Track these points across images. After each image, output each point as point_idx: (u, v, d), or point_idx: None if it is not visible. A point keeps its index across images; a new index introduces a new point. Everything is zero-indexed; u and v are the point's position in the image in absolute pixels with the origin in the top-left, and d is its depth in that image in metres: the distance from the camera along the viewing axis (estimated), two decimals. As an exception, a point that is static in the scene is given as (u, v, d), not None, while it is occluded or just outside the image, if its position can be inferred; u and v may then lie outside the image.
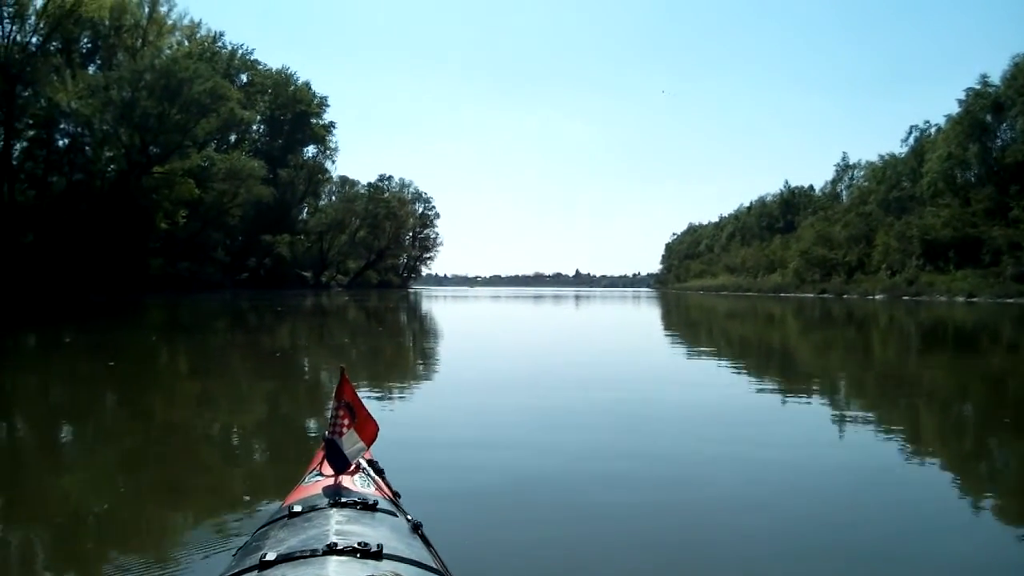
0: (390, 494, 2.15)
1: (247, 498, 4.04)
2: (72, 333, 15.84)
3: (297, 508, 1.87)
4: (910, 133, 54.68)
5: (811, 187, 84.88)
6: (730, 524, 3.60)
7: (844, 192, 69.99)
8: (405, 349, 14.29)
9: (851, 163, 70.02)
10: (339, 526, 1.71)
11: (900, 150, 56.36)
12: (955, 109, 46.80)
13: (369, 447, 2.24)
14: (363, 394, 6.55)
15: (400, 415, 6.48)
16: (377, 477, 2.24)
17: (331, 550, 1.54)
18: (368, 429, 2.20)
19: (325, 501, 1.90)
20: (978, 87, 46.14)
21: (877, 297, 45.16)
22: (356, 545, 1.55)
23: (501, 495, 4.06)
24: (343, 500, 1.91)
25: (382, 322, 22.99)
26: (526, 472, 4.52)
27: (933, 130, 52.07)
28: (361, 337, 16.77)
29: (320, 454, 2.28)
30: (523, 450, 5.14)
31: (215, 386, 8.64)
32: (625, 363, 11.71)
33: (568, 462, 4.79)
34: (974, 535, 3.54)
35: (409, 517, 1.94)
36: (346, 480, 2.12)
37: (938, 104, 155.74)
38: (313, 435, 5.45)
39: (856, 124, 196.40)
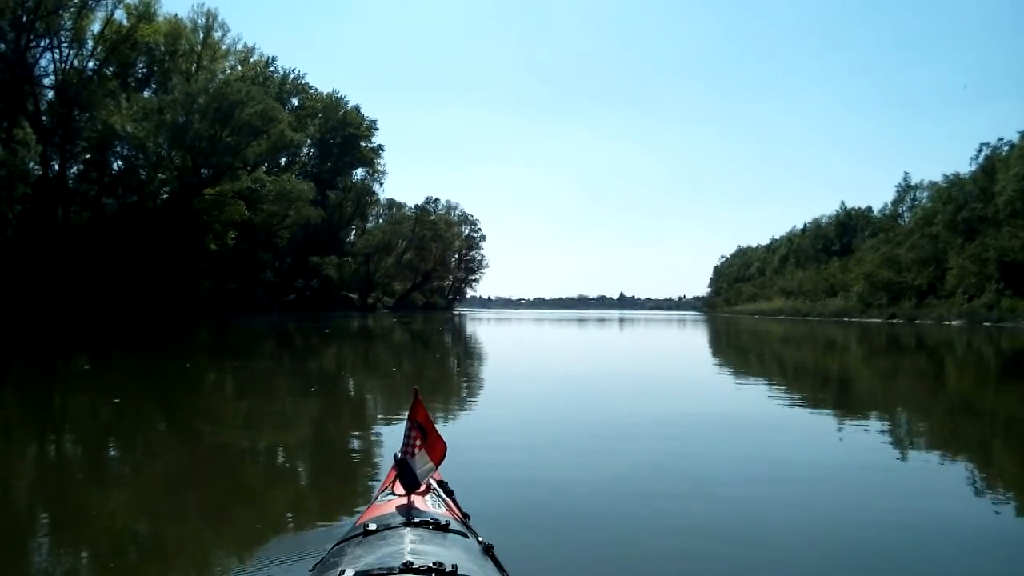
0: (460, 515, 2.17)
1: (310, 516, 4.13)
2: (103, 359, 15.15)
3: (372, 526, 1.89)
4: (980, 151, 52.32)
5: (869, 208, 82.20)
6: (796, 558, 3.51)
7: (906, 213, 67.28)
8: (459, 372, 13.92)
9: (913, 183, 67.41)
10: (413, 545, 1.73)
11: (967, 169, 53.94)
12: (1020, 127, 44.49)
13: (438, 467, 2.24)
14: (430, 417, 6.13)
15: (462, 437, 6.30)
16: (447, 498, 2.25)
17: (407, 568, 1.56)
18: (437, 449, 2.21)
19: (399, 520, 1.92)
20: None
21: (954, 323, 42.67)
22: (431, 565, 1.57)
23: (565, 516, 4.02)
24: (416, 520, 1.92)
25: (433, 345, 22.28)
26: (588, 493, 4.50)
27: (1005, 148, 49.65)
28: (415, 360, 16.46)
29: (392, 473, 2.30)
30: (585, 472, 5.13)
31: (265, 408, 8.25)
32: (685, 393, 10.93)
33: (632, 485, 4.77)
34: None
35: (480, 539, 1.95)
36: (417, 500, 2.12)
37: (997, 123, 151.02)
38: (377, 455, 5.59)
39: (909, 146, 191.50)
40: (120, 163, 47.80)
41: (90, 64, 45.25)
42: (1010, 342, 25.30)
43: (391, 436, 5.87)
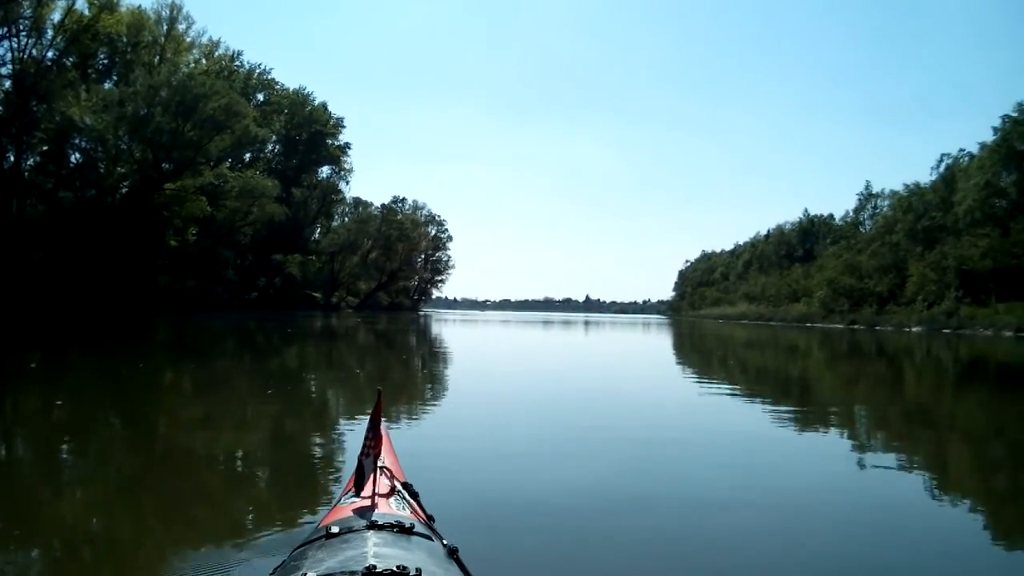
0: (425, 517, 2.15)
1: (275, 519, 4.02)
2: (57, 357, 14.63)
3: (335, 529, 1.86)
4: (941, 161, 53.39)
5: (831, 215, 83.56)
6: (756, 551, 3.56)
7: (867, 221, 68.49)
8: (424, 373, 13.77)
9: (874, 192, 68.63)
10: (376, 548, 1.70)
11: (928, 179, 55.07)
12: (980, 138, 45.36)
13: (396, 471, 2.26)
14: (394, 419, 6.75)
15: (428, 439, 6.38)
16: (412, 500, 2.23)
17: (370, 572, 1.53)
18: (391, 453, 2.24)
19: (362, 523, 1.89)
20: (1015, 114, 44.82)
21: (914, 329, 43.45)
22: (395, 568, 1.54)
23: (531, 519, 3.99)
24: (379, 523, 1.89)
25: (398, 346, 22.07)
26: (553, 495, 4.50)
27: (965, 159, 50.75)
28: (379, 361, 16.21)
29: (354, 475, 2.25)
30: (550, 474, 5.12)
31: (223, 409, 7.95)
32: (650, 396, 10.84)
33: (598, 487, 4.78)
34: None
35: (445, 542, 1.94)
36: (382, 503, 2.10)
37: (957, 136, 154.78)
38: (339, 457, 5.55)
39: (872, 155, 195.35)
40: (78, 156, 46.54)
41: (49, 54, 44.01)
42: (968, 349, 25.81)
43: (354, 438, 5.69)
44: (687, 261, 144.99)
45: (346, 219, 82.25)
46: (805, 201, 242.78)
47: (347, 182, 78.35)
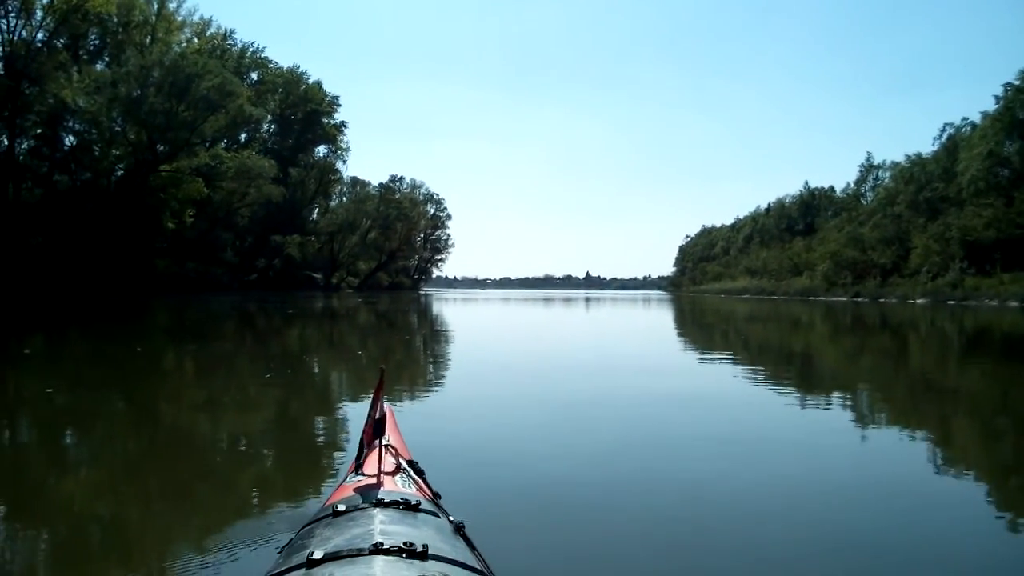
0: (431, 495, 2.13)
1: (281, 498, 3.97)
2: (56, 341, 14.44)
3: (341, 507, 1.87)
4: (943, 131, 52.85)
5: (831, 188, 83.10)
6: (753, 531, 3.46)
7: (868, 193, 68.04)
8: (427, 352, 13.54)
9: (876, 163, 68.10)
10: (383, 526, 1.71)
11: (930, 149, 54.56)
12: (980, 107, 44.92)
13: (401, 448, 2.27)
14: (397, 398, 6.79)
15: (432, 417, 6.28)
16: (418, 478, 2.21)
17: (377, 549, 1.54)
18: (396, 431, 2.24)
19: (368, 501, 1.90)
20: (1017, 82, 44.28)
21: (918, 301, 43.01)
22: (402, 545, 1.56)
23: (536, 494, 3.96)
24: (386, 500, 1.90)
25: (400, 325, 21.88)
26: (559, 471, 4.46)
27: (967, 129, 50.24)
28: (382, 340, 15.98)
29: (359, 454, 2.28)
30: (556, 450, 5.03)
31: (223, 393, 7.58)
32: (656, 371, 10.69)
33: (605, 462, 4.73)
34: (1002, 547, 3.36)
35: (451, 518, 1.94)
36: (387, 480, 2.10)
37: (959, 105, 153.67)
38: (344, 436, 5.50)
39: (872, 126, 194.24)
40: (72, 139, 46.11)
41: (39, 35, 43.50)
42: (974, 320, 25.59)
43: (357, 417, 5.53)
44: (687, 236, 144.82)
45: (344, 199, 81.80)
46: (804, 174, 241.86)
47: (344, 161, 77.66)
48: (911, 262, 48.41)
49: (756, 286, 74.84)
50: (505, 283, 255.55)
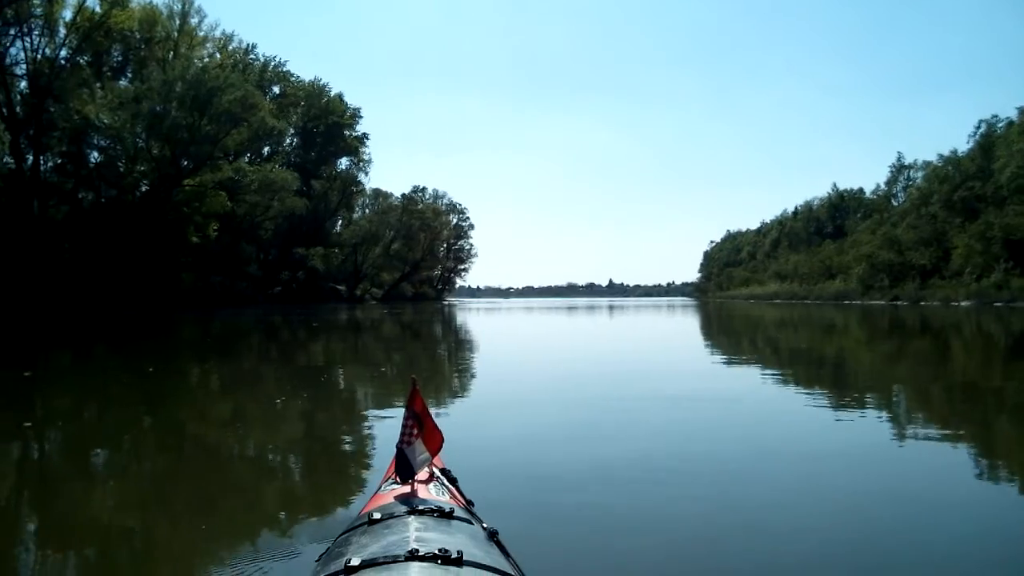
0: (464, 502, 2.15)
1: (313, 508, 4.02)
2: (82, 358, 14.02)
3: (376, 515, 1.89)
4: (977, 128, 51.37)
5: (860, 190, 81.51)
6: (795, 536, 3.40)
7: (900, 194, 66.49)
8: (454, 362, 13.33)
9: (907, 163, 66.53)
10: (418, 533, 1.74)
11: (963, 148, 53.05)
12: (1014, 103, 43.54)
13: (434, 457, 2.24)
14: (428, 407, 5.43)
15: (462, 426, 6.18)
16: (451, 486, 2.23)
17: (413, 556, 1.57)
18: (434, 439, 2.21)
19: (403, 509, 1.92)
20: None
21: (963, 304, 41.56)
22: (437, 551, 1.58)
23: (569, 501, 3.92)
24: (419, 508, 1.92)
25: (425, 336, 21.46)
26: (591, 477, 4.43)
27: (1000, 126, 48.81)
28: (408, 351, 15.70)
29: (394, 463, 2.26)
30: (587, 457, 5.00)
31: (252, 407, 7.44)
32: (686, 376, 10.55)
33: (637, 469, 4.66)
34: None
35: (485, 525, 1.96)
36: (421, 489, 2.11)
37: (986, 105, 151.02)
38: (377, 446, 5.49)
39: (896, 128, 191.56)
40: (97, 155, 46.26)
41: (63, 53, 43.73)
42: (1022, 323, 24.41)
43: (389, 427, 5.64)
44: (712, 241, 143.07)
45: (367, 210, 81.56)
46: (829, 177, 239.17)
47: (366, 173, 77.52)
48: (952, 263, 46.83)
49: (787, 291, 73.30)
50: (528, 292, 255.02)
